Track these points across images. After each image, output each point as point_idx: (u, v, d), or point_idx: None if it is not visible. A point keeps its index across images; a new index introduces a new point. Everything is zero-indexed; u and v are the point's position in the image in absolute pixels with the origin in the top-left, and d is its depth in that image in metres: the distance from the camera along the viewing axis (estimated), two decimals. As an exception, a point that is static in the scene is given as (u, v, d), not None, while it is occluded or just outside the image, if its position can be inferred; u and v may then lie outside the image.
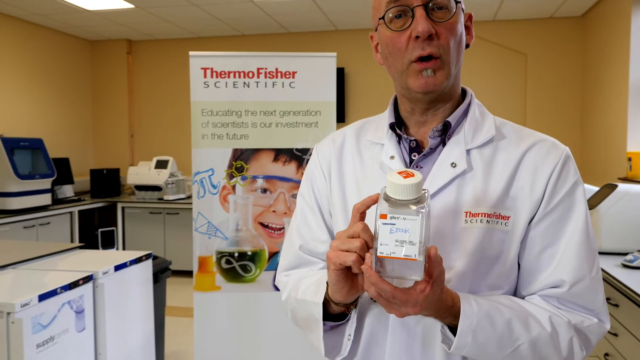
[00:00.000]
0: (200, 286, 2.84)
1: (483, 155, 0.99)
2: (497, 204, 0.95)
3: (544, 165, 0.97)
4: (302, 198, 1.16)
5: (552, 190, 0.96)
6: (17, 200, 4.81)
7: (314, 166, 1.15)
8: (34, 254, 2.78)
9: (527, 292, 0.99)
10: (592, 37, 5.46)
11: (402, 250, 0.76)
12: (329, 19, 5.94)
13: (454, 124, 1.02)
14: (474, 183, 0.97)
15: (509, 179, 0.97)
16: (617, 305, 2.39)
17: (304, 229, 1.12)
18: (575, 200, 0.97)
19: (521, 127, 1.06)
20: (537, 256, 0.97)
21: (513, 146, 1.00)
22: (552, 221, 0.96)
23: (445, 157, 0.99)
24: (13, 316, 1.99)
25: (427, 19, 0.93)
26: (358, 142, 1.11)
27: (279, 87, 2.82)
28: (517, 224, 0.96)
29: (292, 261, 1.12)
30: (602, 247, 2.71)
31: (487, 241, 0.95)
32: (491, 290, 0.97)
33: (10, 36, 5.75)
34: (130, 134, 7.11)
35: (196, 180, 2.82)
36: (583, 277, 0.94)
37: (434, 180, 0.98)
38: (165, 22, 6.10)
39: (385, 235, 0.77)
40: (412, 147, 1.04)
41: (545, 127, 5.92)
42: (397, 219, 0.77)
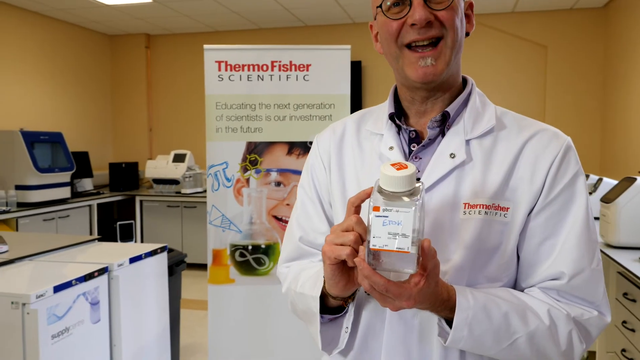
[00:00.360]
0: (215, 279, 2.85)
1: (483, 145, 0.98)
2: (496, 195, 0.94)
3: (544, 156, 0.95)
4: (302, 189, 1.15)
5: (552, 180, 0.94)
6: (37, 193, 4.88)
7: (314, 157, 1.14)
8: (51, 246, 2.81)
9: (527, 284, 0.97)
10: (614, 29, 5.36)
11: (394, 242, 0.75)
12: (346, 12, 5.91)
13: (452, 114, 1.00)
14: (473, 174, 0.95)
15: (508, 169, 0.95)
16: (634, 301, 2.35)
17: (304, 221, 1.11)
18: (576, 191, 0.94)
19: (523, 117, 1.04)
20: (536, 248, 0.95)
21: (513, 136, 0.98)
22: (552, 212, 0.94)
23: (444, 147, 0.98)
24: (28, 307, 2.02)
25: (425, 7, 0.91)
26: (358, 132, 1.10)
27: (293, 80, 2.81)
28: (516, 215, 0.94)
29: (292, 253, 1.12)
30: (620, 241, 2.66)
31: (485, 233, 0.93)
32: (490, 283, 0.95)
33: (31, 31, 5.82)
34: (149, 127, 7.17)
35: (210, 174, 2.83)
36: (583, 269, 0.92)
37: (432, 171, 0.96)
38: (183, 16, 6.13)
39: (378, 227, 0.76)
40: (411, 137, 1.02)
41: (565, 120, 5.83)
42: (390, 212, 0.76)
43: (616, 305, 2.62)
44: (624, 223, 2.64)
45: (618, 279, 2.61)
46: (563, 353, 0.91)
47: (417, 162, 0.99)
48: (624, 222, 2.64)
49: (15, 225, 4.64)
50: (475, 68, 6.05)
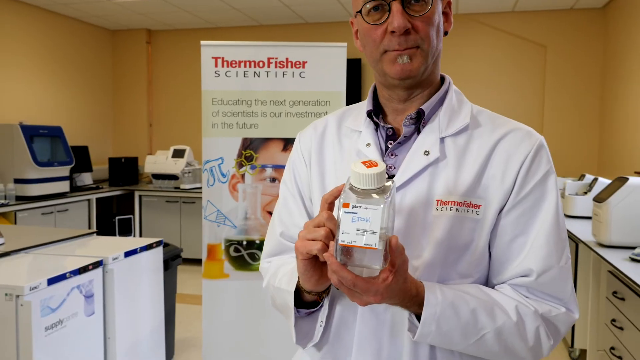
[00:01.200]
0: (209, 274, 2.87)
1: (457, 143, 0.99)
2: (468, 192, 0.95)
3: (515, 154, 0.97)
4: (284, 185, 1.17)
5: (523, 179, 0.96)
6: (35, 187, 4.90)
7: (296, 154, 1.15)
8: (48, 239, 2.83)
9: (498, 280, 0.99)
10: (613, 30, 5.36)
11: (362, 239, 0.77)
12: (346, 9, 5.92)
13: (427, 112, 1.02)
14: (447, 171, 0.97)
15: (480, 167, 0.97)
16: (623, 299, 2.37)
17: (285, 216, 1.13)
18: (547, 190, 0.96)
19: (498, 116, 1.06)
20: (507, 245, 0.96)
21: (487, 134, 1.00)
22: (523, 210, 0.96)
23: (418, 145, 0.99)
24: (22, 299, 2.04)
25: (403, 14, 0.93)
26: (339, 129, 1.12)
27: (289, 77, 2.82)
28: (487, 212, 0.96)
29: (274, 248, 1.14)
30: (612, 240, 2.68)
31: (456, 230, 0.95)
32: (461, 279, 0.97)
33: (32, 25, 5.84)
34: (149, 123, 7.19)
35: (206, 169, 2.85)
36: (551, 266, 0.94)
37: (407, 168, 0.98)
38: (184, 12, 6.14)
39: (347, 223, 0.77)
40: (388, 134, 1.04)
41: (564, 120, 5.84)
42: (359, 208, 0.77)
43: (606, 303, 2.64)
44: (615, 222, 2.66)
45: (608, 278, 2.63)
46: (531, 348, 0.93)
47: (392, 159, 1.01)
48: (615, 221, 2.66)
49: (13, 219, 4.67)
50: (474, 66, 6.06)
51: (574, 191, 3.95)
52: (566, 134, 5.86)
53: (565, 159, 5.84)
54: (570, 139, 5.85)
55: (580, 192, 3.93)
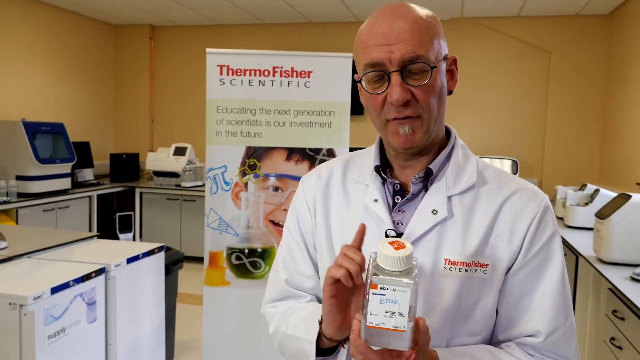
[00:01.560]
0: (210, 281, 2.88)
1: (464, 202, 1.00)
2: (476, 253, 0.97)
3: (523, 216, 0.98)
4: (288, 231, 1.17)
5: (531, 241, 0.97)
6: (37, 184, 4.91)
7: (300, 202, 1.16)
8: (50, 243, 2.84)
9: (504, 337, 1.01)
10: (619, 37, 5.36)
11: (391, 321, 0.78)
12: (350, 10, 5.91)
13: (435, 170, 1.02)
14: (454, 230, 0.98)
15: (488, 227, 0.98)
16: (622, 319, 2.38)
17: (289, 263, 1.14)
18: (552, 251, 0.99)
19: (503, 172, 1.07)
20: (514, 304, 0.99)
21: (493, 194, 1.01)
22: (530, 271, 0.98)
23: (426, 203, 1.00)
24: (26, 308, 2.05)
25: (403, 86, 0.92)
26: (344, 178, 1.12)
27: (294, 86, 2.82)
28: (495, 272, 0.97)
29: (278, 294, 1.15)
30: (612, 257, 2.69)
31: (465, 289, 0.96)
32: (470, 337, 0.99)
33: (34, 19, 5.82)
34: (151, 119, 7.19)
35: (209, 177, 2.85)
36: (558, 327, 0.97)
37: (415, 226, 0.99)
38: (187, 9, 6.13)
39: (375, 305, 0.78)
40: (396, 189, 1.04)
41: (566, 126, 5.84)
42: (388, 290, 0.78)
43: (606, 322, 2.65)
44: (617, 240, 2.67)
45: (608, 296, 2.64)
46: None
47: (400, 215, 1.02)
48: (617, 238, 2.67)
49: (15, 216, 4.68)
50: (478, 70, 6.06)
51: (575, 202, 3.95)
52: (568, 141, 5.86)
53: (566, 167, 5.85)
54: (572, 146, 5.85)
55: (581, 202, 3.93)
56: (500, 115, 6.08)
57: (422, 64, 0.92)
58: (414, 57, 0.91)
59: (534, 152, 6.03)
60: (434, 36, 0.94)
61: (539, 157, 6.02)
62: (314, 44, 6.46)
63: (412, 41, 0.92)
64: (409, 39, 0.92)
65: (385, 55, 0.92)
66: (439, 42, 0.95)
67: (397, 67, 0.92)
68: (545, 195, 1.02)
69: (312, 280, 1.12)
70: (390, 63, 0.92)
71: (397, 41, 0.92)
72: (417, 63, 0.92)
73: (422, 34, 0.93)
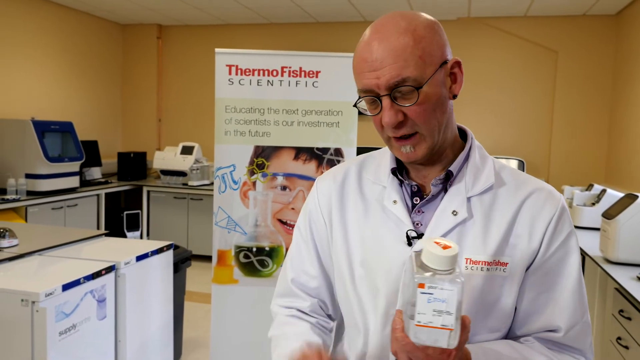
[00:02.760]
0: (219, 279, 2.90)
1: (483, 202, 1.02)
2: (496, 252, 0.99)
3: (541, 216, 1.01)
4: (298, 232, 1.20)
5: (549, 240, 1.00)
6: (46, 182, 4.95)
7: (313, 205, 1.17)
8: (60, 241, 2.87)
9: (522, 332, 1.04)
10: (626, 37, 5.35)
11: (439, 320, 0.79)
12: (357, 10, 5.92)
13: (455, 172, 1.04)
14: (474, 230, 1.00)
15: (507, 227, 1.00)
16: (629, 319, 2.39)
17: (297, 262, 1.18)
18: (570, 249, 1.01)
19: (519, 172, 1.09)
20: (532, 301, 1.02)
21: (511, 194, 1.03)
22: (549, 269, 1.01)
23: (446, 204, 1.02)
24: (37, 305, 2.08)
25: (392, 107, 0.94)
26: (360, 179, 1.14)
27: (302, 86, 2.84)
28: (514, 270, 1.00)
29: (284, 291, 1.21)
30: (619, 257, 2.70)
31: (487, 287, 0.99)
32: (490, 333, 1.02)
33: (43, 19, 5.87)
34: (158, 118, 7.23)
35: (218, 176, 2.87)
36: (576, 322, 1.01)
37: (436, 227, 1.01)
38: (194, 8, 6.16)
39: (423, 304, 0.79)
40: (413, 191, 1.06)
41: (573, 126, 5.84)
42: (435, 289, 0.79)
43: (612, 321, 2.66)
44: (623, 240, 2.68)
45: (615, 295, 2.65)
46: None
47: (419, 216, 1.04)
48: (623, 239, 2.68)
49: (24, 214, 4.72)
50: (485, 70, 6.06)
51: (581, 202, 3.96)
52: (575, 141, 5.86)
53: (573, 167, 5.85)
54: (579, 146, 5.85)
55: (588, 202, 3.94)
56: (507, 115, 6.08)
57: (411, 84, 0.93)
58: (399, 81, 0.92)
59: (541, 152, 6.03)
60: (423, 51, 0.93)
61: (545, 157, 6.01)
62: (321, 44, 6.48)
63: (397, 64, 0.92)
64: (392, 63, 0.92)
65: (373, 82, 0.94)
66: (431, 54, 0.94)
67: (386, 92, 0.94)
68: (561, 195, 1.05)
69: (317, 281, 1.16)
70: (379, 88, 0.94)
71: (382, 66, 0.93)
72: (405, 82, 0.92)
73: (406, 54, 0.92)
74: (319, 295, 1.17)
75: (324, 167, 2.86)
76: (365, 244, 1.06)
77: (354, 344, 1.10)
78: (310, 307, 1.16)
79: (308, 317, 1.16)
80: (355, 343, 1.09)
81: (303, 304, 1.17)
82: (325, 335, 1.15)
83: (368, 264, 1.05)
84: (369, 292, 1.05)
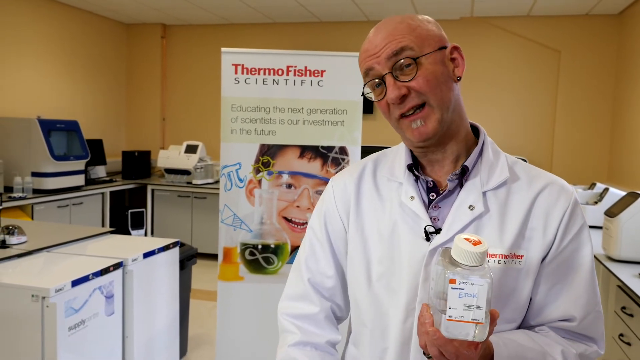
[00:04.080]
0: (224, 276, 2.93)
1: (498, 197, 1.05)
2: (512, 245, 1.02)
3: (554, 210, 1.04)
4: (312, 231, 1.21)
5: (563, 233, 1.03)
6: (52, 181, 4.98)
7: (330, 204, 1.18)
8: (67, 238, 2.91)
9: (536, 322, 1.07)
10: (629, 37, 5.36)
11: (470, 314, 0.82)
12: (361, 10, 5.94)
13: (470, 167, 1.07)
14: (491, 224, 1.03)
15: (523, 221, 1.03)
16: (631, 315, 2.41)
17: (312, 263, 1.18)
18: (583, 241, 1.05)
19: (531, 167, 1.12)
20: (547, 291, 1.05)
21: (525, 188, 1.06)
22: (563, 260, 1.04)
23: (463, 199, 1.05)
24: (48, 300, 2.12)
25: (396, 84, 0.99)
26: (375, 176, 1.16)
27: (307, 85, 2.87)
28: (530, 262, 1.03)
29: (299, 292, 1.19)
30: (621, 255, 2.73)
31: (504, 280, 1.02)
32: (506, 323, 1.04)
33: (49, 18, 5.90)
34: (162, 117, 7.26)
35: (224, 174, 2.90)
36: (590, 312, 1.04)
37: (453, 222, 1.03)
38: (198, 8, 6.19)
39: (454, 299, 0.82)
40: (429, 187, 1.08)
41: (575, 125, 5.86)
42: (466, 284, 0.82)
43: (614, 318, 2.68)
44: (626, 238, 2.70)
45: (617, 293, 2.67)
46: None
47: (436, 211, 1.06)
48: (626, 236, 2.70)
49: (30, 211, 4.76)
50: (487, 69, 6.08)
51: (584, 200, 3.98)
52: (577, 140, 5.88)
53: (575, 166, 5.86)
54: (582, 145, 5.86)
55: (590, 201, 3.96)
56: (509, 114, 6.10)
57: (408, 56, 0.98)
58: (398, 50, 0.99)
59: (543, 151, 6.05)
60: (419, 33, 1.00)
61: (548, 156, 6.04)
62: (325, 44, 6.50)
63: (394, 40, 1.00)
64: (391, 40, 1.00)
65: (375, 62, 1.01)
66: (428, 37, 1.01)
67: (387, 69, 1.00)
68: (572, 188, 1.08)
69: (333, 280, 1.17)
70: (380, 66, 1.00)
71: (381, 47, 1.00)
72: (403, 55, 0.99)
73: (403, 33, 1.00)
74: (333, 296, 1.18)
75: (328, 165, 2.89)
76: (383, 241, 1.08)
77: (368, 343, 1.11)
78: (322, 313, 1.16)
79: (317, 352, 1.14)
80: (371, 341, 1.11)
81: (315, 308, 1.16)
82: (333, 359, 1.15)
83: (387, 261, 1.07)
84: (388, 288, 1.07)
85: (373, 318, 1.10)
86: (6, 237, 2.69)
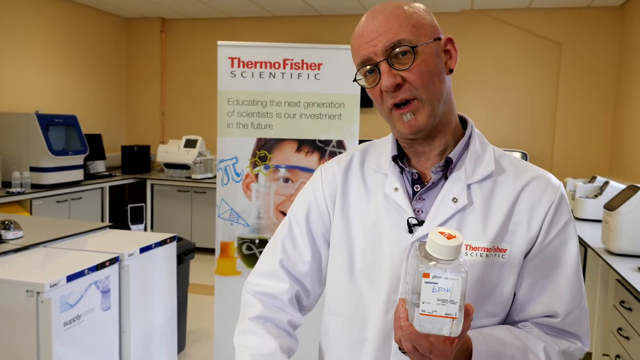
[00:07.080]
0: (222, 270, 2.92)
1: (483, 189, 1.03)
2: (495, 238, 1.00)
3: (540, 204, 1.02)
4: (293, 214, 1.19)
5: (548, 227, 1.01)
6: (51, 176, 4.97)
7: (317, 190, 1.17)
8: (64, 233, 2.89)
9: (520, 317, 1.05)
10: (630, 29, 5.33)
11: (443, 309, 0.80)
12: (361, 3, 5.91)
13: (455, 159, 1.05)
14: (474, 217, 1.01)
15: (507, 214, 1.01)
16: (630, 310, 2.40)
17: (288, 244, 1.16)
18: (568, 237, 1.03)
19: (518, 160, 1.09)
20: (531, 287, 1.03)
21: (511, 181, 1.04)
22: (547, 255, 1.02)
23: (446, 192, 1.03)
24: (42, 296, 2.10)
25: (391, 72, 0.97)
26: (362, 167, 1.15)
27: (304, 79, 2.85)
28: (513, 256, 1.01)
29: (268, 271, 1.17)
30: (621, 248, 2.71)
31: (486, 273, 1.00)
32: (488, 318, 1.02)
33: (47, 13, 5.88)
34: (161, 112, 7.24)
35: (220, 168, 2.89)
36: (574, 308, 1.02)
37: (436, 214, 1.01)
38: (197, 1, 6.16)
39: (428, 293, 0.80)
40: (414, 178, 1.07)
41: (576, 118, 5.83)
42: (440, 278, 0.80)
43: (613, 312, 2.67)
44: (625, 231, 2.68)
45: (616, 287, 2.65)
46: None
47: (420, 203, 1.05)
48: (625, 230, 2.68)
49: (29, 206, 4.75)
50: (487, 62, 6.05)
51: (584, 194, 3.96)
52: (578, 133, 5.85)
53: (576, 159, 5.84)
54: (582, 138, 5.84)
55: (590, 195, 3.94)
56: (510, 108, 6.07)
57: (405, 47, 0.97)
58: (395, 42, 0.97)
59: (544, 144, 6.02)
60: (416, 22, 0.99)
61: (548, 150, 6.01)
62: (323, 37, 6.47)
63: (392, 30, 0.98)
64: (388, 29, 0.98)
65: (371, 50, 0.99)
66: (424, 26, 1.00)
67: (383, 57, 0.98)
68: (560, 182, 1.06)
69: (307, 266, 1.15)
70: (376, 55, 0.98)
71: (378, 34, 0.98)
72: (400, 46, 0.97)
73: (400, 21, 0.98)
74: (304, 281, 1.16)
75: (326, 159, 2.87)
76: (367, 232, 1.07)
77: (346, 333, 1.10)
78: (288, 294, 1.14)
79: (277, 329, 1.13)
80: (349, 331, 1.09)
81: (282, 287, 1.14)
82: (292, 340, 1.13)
83: (370, 252, 1.06)
84: (370, 279, 1.06)
85: (352, 308, 1.08)
86: (2, 232, 2.68)
